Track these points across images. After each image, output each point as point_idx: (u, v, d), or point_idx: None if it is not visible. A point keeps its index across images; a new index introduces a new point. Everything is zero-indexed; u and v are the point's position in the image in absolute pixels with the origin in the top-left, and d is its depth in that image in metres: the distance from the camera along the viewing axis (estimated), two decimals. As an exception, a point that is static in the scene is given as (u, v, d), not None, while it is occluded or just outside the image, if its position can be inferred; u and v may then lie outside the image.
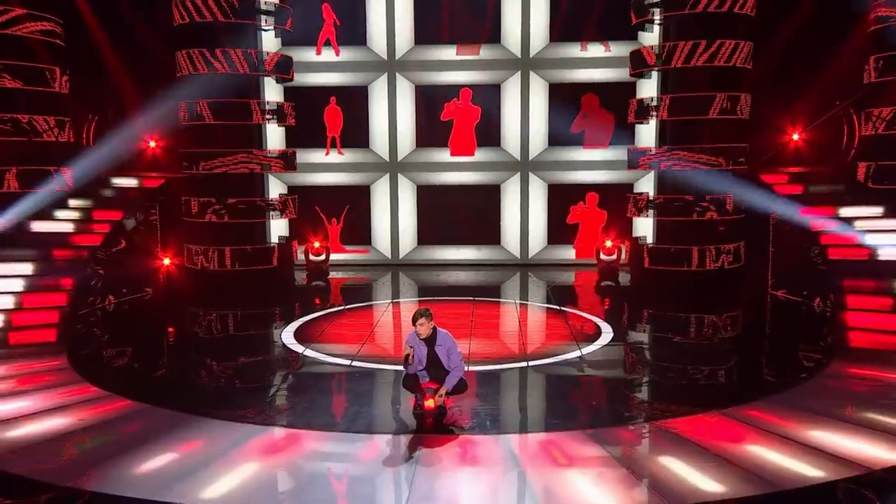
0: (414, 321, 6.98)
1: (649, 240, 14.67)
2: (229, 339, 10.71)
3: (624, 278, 15.43)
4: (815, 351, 9.50)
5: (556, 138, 17.11)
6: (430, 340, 7.05)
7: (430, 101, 17.24)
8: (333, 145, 17.41)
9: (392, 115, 17.20)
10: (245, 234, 14.34)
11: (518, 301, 13.36)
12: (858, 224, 12.12)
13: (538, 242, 17.47)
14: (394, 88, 17.09)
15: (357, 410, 7.53)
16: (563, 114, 16.96)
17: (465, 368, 7.07)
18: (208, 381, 8.79)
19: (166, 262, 14.64)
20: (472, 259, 17.53)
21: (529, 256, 17.50)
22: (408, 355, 6.97)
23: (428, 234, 17.59)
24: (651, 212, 14.01)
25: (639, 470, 5.98)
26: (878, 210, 12.20)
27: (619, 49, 16.34)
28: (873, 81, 12.49)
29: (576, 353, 9.35)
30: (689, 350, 9.87)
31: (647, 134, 16.22)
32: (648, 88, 15.58)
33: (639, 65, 14.05)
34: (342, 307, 12.72)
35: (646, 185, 16.62)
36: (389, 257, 17.69)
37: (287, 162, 14.86)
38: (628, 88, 16.24)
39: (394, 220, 17.48)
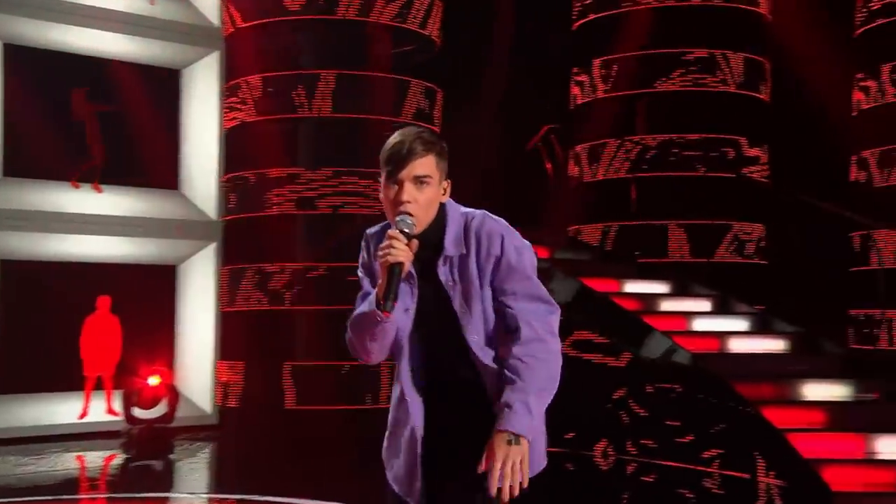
0: (399, 159, 2.96)
1: (210, 357, 11.47)
2: None
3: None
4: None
5: (20, 161, 11.45)
6: (433, 236, 3.05)
7: None
8: None
9: None
10: None
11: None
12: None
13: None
14: None
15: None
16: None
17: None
18: None
19: None
20: None
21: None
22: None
23: None
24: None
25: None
26: (664, 287, 10.60)
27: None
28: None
29: None
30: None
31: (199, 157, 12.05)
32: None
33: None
34: None
35: (201, 263, 12.13)
36: None
37: None
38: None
39: None
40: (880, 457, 7.90)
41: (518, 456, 2.86)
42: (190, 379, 12.02)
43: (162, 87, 12.14)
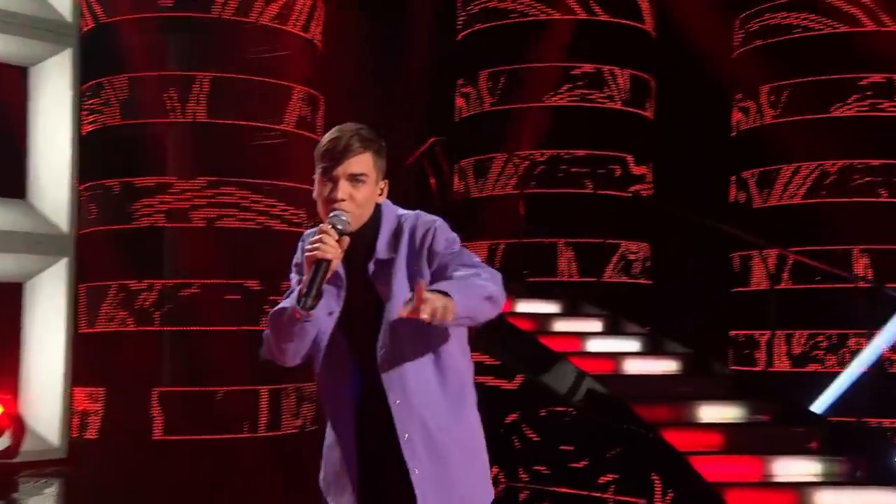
0: (334, 156, 2.92)
1: (60, 384, 10.61)
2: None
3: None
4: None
5: None
6: (366, 236, 2.98)
7: None
8: None
9: None
10: None
11: None
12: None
13: None
14: None
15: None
16: None
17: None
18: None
19: None
20: None
21: None
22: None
23: None
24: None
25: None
26: (555, 307, 10.40)
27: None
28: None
29: None
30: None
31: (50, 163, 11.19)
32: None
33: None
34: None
35: (51, 281, 11.17)
36: None
37: None
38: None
39: None
40: (777, 479, 7.97)
41: (447, 304, 2.58)
42: (37, 408, 11.08)
43: (6, 86, 11.31)
